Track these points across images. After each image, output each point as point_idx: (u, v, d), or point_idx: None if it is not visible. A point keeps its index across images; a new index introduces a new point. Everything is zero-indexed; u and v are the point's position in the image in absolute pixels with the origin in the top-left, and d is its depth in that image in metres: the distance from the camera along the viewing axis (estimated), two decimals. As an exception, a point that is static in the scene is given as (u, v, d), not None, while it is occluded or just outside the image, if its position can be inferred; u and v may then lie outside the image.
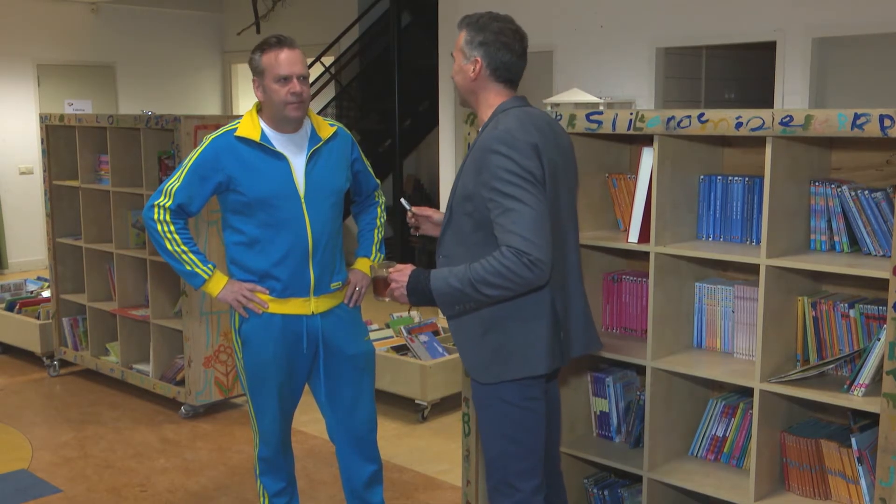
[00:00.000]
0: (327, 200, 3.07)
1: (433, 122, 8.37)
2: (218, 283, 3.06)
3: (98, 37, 10.26)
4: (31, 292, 6.70)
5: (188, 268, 3.05)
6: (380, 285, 2.69)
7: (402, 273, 2.56)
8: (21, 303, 6.32)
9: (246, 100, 11.55)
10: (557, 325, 2.56)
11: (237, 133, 2.98)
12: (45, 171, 5.80)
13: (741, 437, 2.95)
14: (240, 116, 3.07)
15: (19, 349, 6.25)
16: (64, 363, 5.95)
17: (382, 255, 3.35)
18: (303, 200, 3.00)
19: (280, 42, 2.95)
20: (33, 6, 9.69)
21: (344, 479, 3.31)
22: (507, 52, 2.54)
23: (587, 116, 2.92)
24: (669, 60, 6.38)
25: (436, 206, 8.27)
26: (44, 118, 5.75)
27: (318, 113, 4.06)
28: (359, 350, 3.21)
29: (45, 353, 5.98)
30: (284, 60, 2.93)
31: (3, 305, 6.38)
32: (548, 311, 2.52)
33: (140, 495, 4.08)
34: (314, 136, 3.07)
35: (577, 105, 5.88)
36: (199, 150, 3.02)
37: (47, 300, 6.18)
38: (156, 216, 3.03)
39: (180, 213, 3.04)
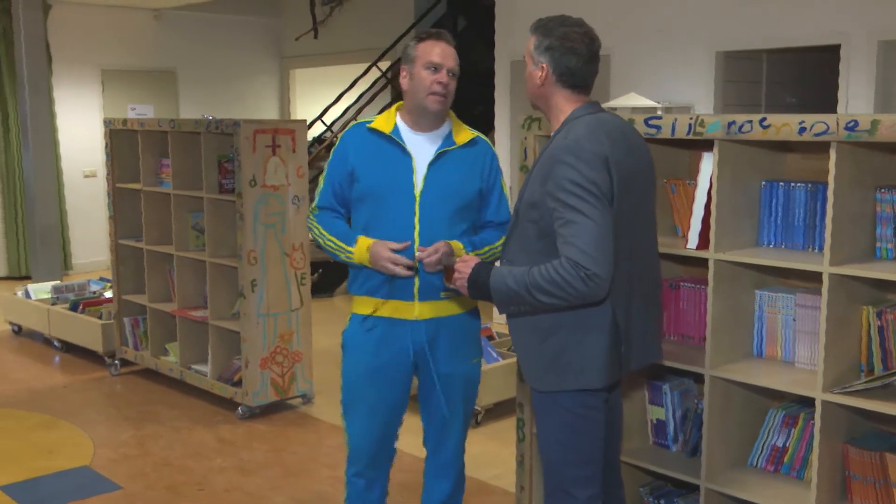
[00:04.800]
0: (446, 204, 2.92)
1: (489, 126, 8.36)
2: (363, 256, 2.89)
3: (160, 43, 10.48)
4: (94, 293, 6.85)
5: (341, 255, 2.95)
6: (448, 273, 2.70)
7: (466, 264, 2.57)
8: (84, 303, 6.47)
9: (304, 104, 11.67)
10: (618, 338, 2.50)
11: (371, 125, 2.97)
12: (108, 174, 5.93)
13: (802, 448, 2.88)
14: (298, 120, 3.06)
15: (82, 348, 6.39)
16: (125, 362, 6.07)
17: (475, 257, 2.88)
18: (417, 200, 2.90)
19: (440, 35, 2.93)
20: (99, 14, 9.93)
21: (424, 493, 3.20)
22: (573, 57, 2.47)
23: (646, 121, 2.89)
24: (729, 64, 6.29)
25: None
26: (108, 122, 5.89)
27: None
28: (457, 370, 3.04)
29: (106, 352, 6.11)
30: (440, 51, 2.88)
31: (67, 305, 6.55)
32: (608, 324, 2.46)
33: (197, 494, 4.14)
34: (448, 139, 2.97)
35: (635, 110, 5.83)
36: (333, 151, 3.02)
37: (109, 300, 6.31)
38: (308, 225, 3.06)
39: (330, 211, 3.02)
